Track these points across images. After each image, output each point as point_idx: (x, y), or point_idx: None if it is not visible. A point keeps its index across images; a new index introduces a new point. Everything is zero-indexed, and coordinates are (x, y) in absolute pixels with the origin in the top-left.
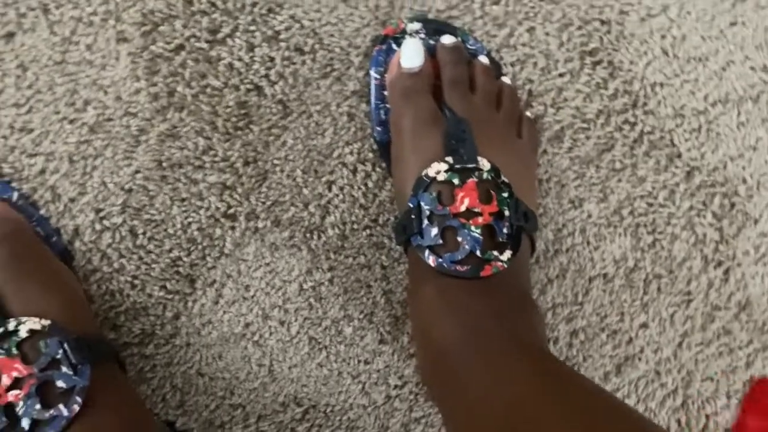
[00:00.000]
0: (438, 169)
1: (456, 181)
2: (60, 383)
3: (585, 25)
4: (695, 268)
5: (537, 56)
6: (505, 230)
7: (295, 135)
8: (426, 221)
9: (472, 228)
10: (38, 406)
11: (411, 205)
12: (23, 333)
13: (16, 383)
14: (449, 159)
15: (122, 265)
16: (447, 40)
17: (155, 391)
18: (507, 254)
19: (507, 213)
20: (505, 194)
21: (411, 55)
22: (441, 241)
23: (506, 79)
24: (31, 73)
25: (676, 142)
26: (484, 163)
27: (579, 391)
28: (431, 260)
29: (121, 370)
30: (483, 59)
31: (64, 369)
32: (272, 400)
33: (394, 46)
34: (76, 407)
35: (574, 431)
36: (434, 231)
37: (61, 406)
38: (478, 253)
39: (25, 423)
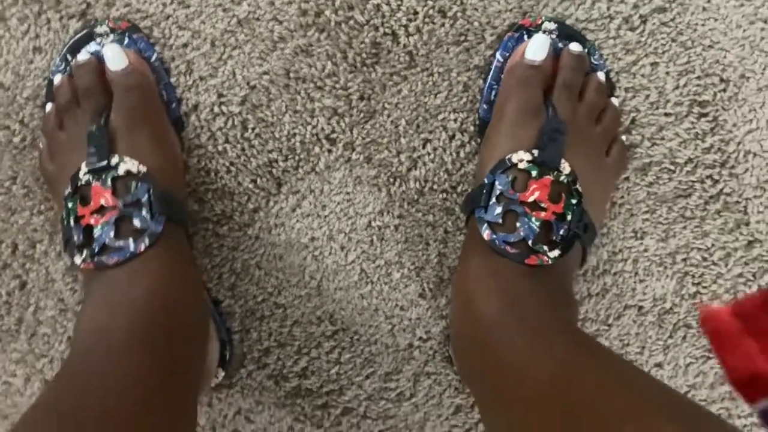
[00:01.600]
0: (521, 158)
1: (534, 173)
2: (136, 222)
3: (705, 77)
4: None
5: (651, 90)
6: (561, 232)
7: (412, 87)
8: (494, 199)
9: (533, 219)
10: (112, 234)
11: (486, 181)
12: (121, 171)
13: (101, 210)
14: (534, 152)
15: (225, 150)
16: (575, 47)
17: (214, 268)
18: (555, 253)
19: (569, 218)
20: (574, 201)
21: (537, 48)
22: (501, 221)
23: (615, 101)
24: None
25: (749, 211)
26: (566, 167)
27: (618, 363)
28: (486, 234)
29: (188, 239)
30: (600, 76)
31: (144, 212)
32: (311, 311)
33: (525, 36)
34: (143, 246)
35: (617, 398)
36: (498, 210)
37: (130, 240)
38: (530, 242)
39: (96, 245)
